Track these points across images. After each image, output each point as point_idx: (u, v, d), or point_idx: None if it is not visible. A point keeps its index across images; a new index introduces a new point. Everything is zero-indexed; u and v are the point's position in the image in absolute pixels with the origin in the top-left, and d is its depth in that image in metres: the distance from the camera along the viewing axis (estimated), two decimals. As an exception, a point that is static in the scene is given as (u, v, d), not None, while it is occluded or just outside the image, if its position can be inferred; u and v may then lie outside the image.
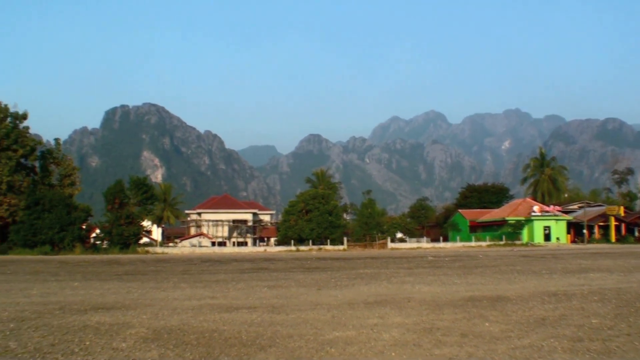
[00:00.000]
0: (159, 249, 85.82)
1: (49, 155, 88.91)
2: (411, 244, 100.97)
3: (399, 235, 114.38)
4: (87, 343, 12.28)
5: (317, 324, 14.81)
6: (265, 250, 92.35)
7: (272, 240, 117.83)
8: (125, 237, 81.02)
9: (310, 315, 16.35)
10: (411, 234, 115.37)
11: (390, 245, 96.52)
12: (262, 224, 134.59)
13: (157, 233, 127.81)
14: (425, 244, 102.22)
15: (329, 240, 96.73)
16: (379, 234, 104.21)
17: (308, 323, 14.89)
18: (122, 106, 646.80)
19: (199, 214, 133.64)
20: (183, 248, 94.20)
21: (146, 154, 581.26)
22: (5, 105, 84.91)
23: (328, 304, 18.91)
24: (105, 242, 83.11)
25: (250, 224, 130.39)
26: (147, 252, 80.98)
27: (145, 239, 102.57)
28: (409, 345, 12.21)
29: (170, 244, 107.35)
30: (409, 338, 12.90)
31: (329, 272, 35.86)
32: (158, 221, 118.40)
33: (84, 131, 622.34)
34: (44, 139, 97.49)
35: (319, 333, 13.49)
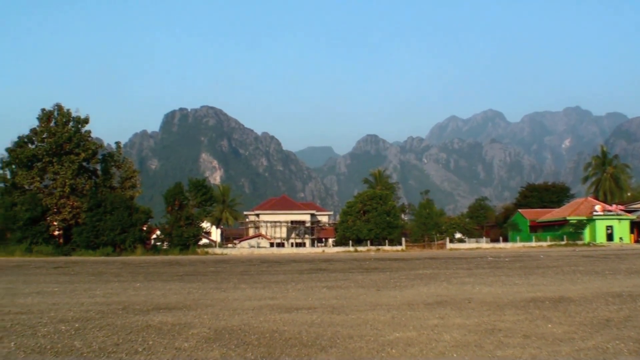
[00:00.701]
0: (218, 250, 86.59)
1: (110, 158, 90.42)
2: (470, 245, 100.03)
3: (458, 235, 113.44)
4: (150, 343, 12.45)
5: (377, 324, 14.77)
6: (323, 251, 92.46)
7: (330, 241, 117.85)
8: (185, 239, 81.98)
9: (370, 315, 16.32)
10: (470, 234, 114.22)
11: (448, 245, 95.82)
12: (320, 224, 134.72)
13: (216, 234, 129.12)
14: (484, 244, 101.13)
15: (387, 241, 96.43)
16: (438, 235, 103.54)
17: (368, 324, 14.87)
18: (181, 109, 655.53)
19: (257, 215, 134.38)
20: (242, 249, 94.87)
21: (205, 156, 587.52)
22: (68, 110, 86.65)
23: (388, 305, 18.85)
24: (165, 243, 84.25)
25: (308, 224, 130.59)
26: (207, 253, 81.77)
27: (204, 240, 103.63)
28: (471, 346, 12.10)
29: (229, 245, 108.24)
30: (470, 339, 12.79)
31: (388, 272, 35.75)
32: (217, 222, 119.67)
33: (143, 134, 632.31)
34: (105, 143, 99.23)
35: (379, 334, 13.46)
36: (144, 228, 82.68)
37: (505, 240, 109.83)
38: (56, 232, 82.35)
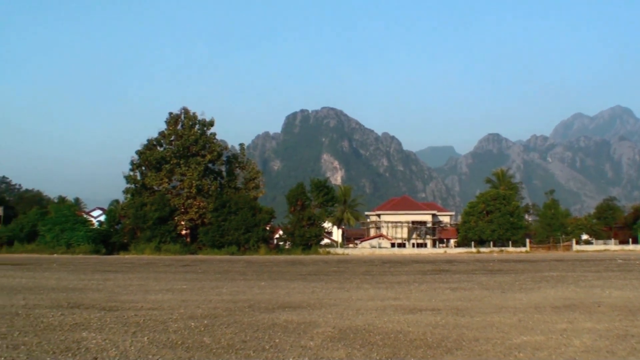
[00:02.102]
0: (339, 250, 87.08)
1: (235, 159, 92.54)
2: (597, 246, 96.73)
3: (584, 237, 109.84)
4: (277, 340, 12.63)
5: (504, 327, 14.48)
6: (445, 251, 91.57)
7: (452, 241, 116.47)
8: (307, 238, 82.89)
9: (495, 318, 16.02)
10: (597, 235, 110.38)
11: (575, 247, 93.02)
12: (442, 225, 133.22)
13: (337, 234, 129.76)
14: (612, 246, 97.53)
15: (510, 242, 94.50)
16: (563, 236, 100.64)
17: (494, 326, 14.59)
18: (302, 111, 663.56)
19: (379, 215, 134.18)
20: (363, 249, 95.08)
21: (326, 156, 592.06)
22: (194, 114, 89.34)
23: (514, 307, 18.46)
24: (287, 243, 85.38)
25: (429, 225, 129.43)
26: (328, 253, 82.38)
27: (326, 240, 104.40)
28: (602, 352, 11.68)
29: (351, 245, 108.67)
30: (601, 344, 12.35)
31: (513, 274, 35.03)
32: (338, 223, 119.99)
33: (266, 136, 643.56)
34: (229, 145, 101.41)
35: (506, 337, 13.19)
36: (267, 228, 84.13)
37: (635, 242, 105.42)
38: (183, 232, 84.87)
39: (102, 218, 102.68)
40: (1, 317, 15.70)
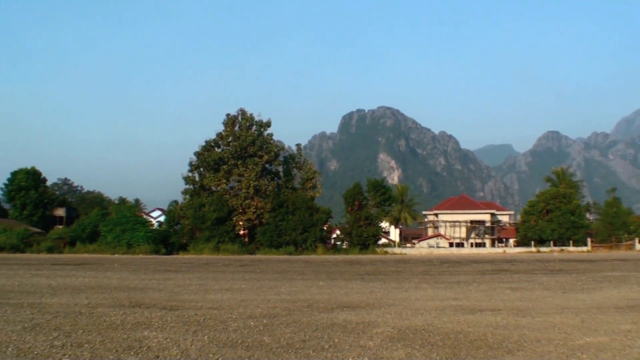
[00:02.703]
0: (397, 250, 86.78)
1: (292, 160, 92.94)
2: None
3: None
4: (336, 340, 12.64)
5: (566, 328, 14.26)
6: (504, 251, 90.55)
7: (511, 241, 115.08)
8: (365, 238, 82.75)
9: (557, 319, 15.79)
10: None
11: (637, 246, 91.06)
12: (501, 224, 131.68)
13: (394, 234, 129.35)
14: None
15: (571, 241, 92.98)
16: (626, 235, 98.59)
17: (556, 327, 14.38)
18: (358, 110, 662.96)
19: (436, 215, 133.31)
20: (421, 249, 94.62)
21: (382, 156, 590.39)
22: (251, 115, 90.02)
23: (576, 308, 18.18)
24: (345, 242, 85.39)
25: (488, 224, 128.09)
26: (386, 252, 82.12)
27: (383, 240, 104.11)
28: (669, 353, 11.42)
29: (408, 245, 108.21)
30: (668, 346, 12.07)
31: (574, 274, 34.48)
32: (395, 222, 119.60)
33: (322, 136, 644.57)
34: (286, 145, 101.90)
35: (569, 338, 12.98)
36: (325, 228, 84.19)
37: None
38: (241, 232, 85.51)
39: (162, 219, 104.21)
40: (65, 315, 16.04)
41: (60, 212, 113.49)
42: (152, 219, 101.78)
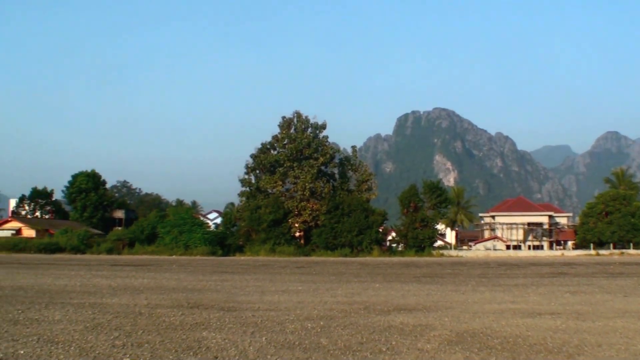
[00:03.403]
0: (453, 252, 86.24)
1: (347, 162, 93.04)
2: None
3: None
4: (393, 343, 12.61)
5: (628, 333, 13.99)
6: (562, 254, 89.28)
7: (570, 243, 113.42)
8: (420, 240, 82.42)
9: (618, 323, 15.50)
10: None
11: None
12: (559, 226, 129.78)
13: (450, 236, 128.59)
14: None
15: (631, 244, 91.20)
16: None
17: (617, 332, 14.12)
18: (413, 112, 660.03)
19: (493, 217, 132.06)
20: (477, 251, 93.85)
21: (438, 158, 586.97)
22: (306, 117, 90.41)
23: (637, 312, 17.86)
24: (400, 244, 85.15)
25: (546, 227, 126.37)
26: (442, 255, 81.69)
27: (439, 242, 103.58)
28: None
29: (464, 247, 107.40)
30: None
31: (635, 278, 33.87)
32: (452, 224, 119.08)
33: (377, 138, 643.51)
34: (341, 147, 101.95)
35: (631, 343, 12.74)
36: (380, 230, 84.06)
37: None
38: (297, 234, 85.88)
39: (218, 220, 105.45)
40: (125, 316, 16.31)
41: (120, 214, 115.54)
42: (208, 221, 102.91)
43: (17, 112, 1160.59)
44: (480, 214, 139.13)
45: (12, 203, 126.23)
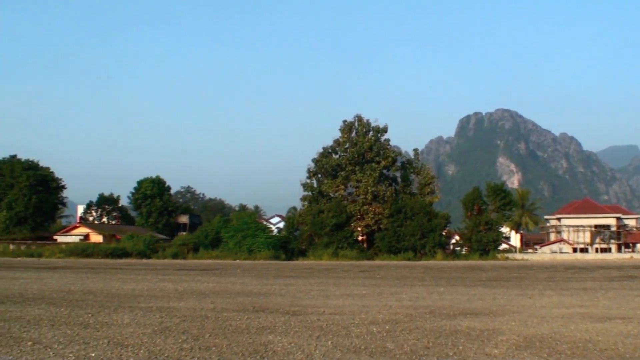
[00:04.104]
0: (518, 256, 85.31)
1: (409, 165, 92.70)
2: None
3: None
4: (460, 347, 12.48)
5: None
6: (631, 257, 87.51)
7: (639, 246, 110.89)
8: (485, 244, 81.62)
9: (696, 328, 15.08)
10: None
11: None
12: (627, 228, 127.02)
13: (515, 239, 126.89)
14: None
15: None
16: None
17: (694, 337, 13.75)
18: (476, 113, 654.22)
19: (559, 219, 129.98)
20: (543, 254, 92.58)
21: (502, 159, 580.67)
22: (367, 120, 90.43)
23: None
24: (464, 248, 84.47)
25: (613, 229, 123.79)
26: (507, 258, 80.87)
27: (504, 245, 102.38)
28: None
29: (530, 250, 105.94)
30: None
31: None
32: (516, 227, 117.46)
33: (439, 140, 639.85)
34: (403, 150, 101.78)
35: None
36: (443, 233, 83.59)
37: None
38: (360, 237, 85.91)
39: (281, 225, 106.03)
40: (192, 319, 16.50)
41: (184, 219, 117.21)
42: (271, 226, 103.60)
43: (85, 118, 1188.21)
44: (546, 217, 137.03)
45: (80, 209, 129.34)
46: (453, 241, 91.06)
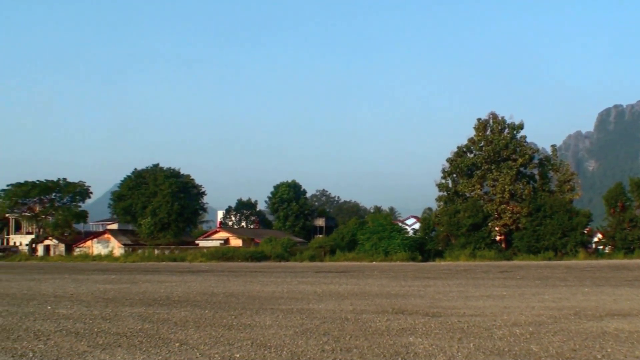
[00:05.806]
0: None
1: (547, 162, 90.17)
2: None
3: None
4: (609, 350, 12.09)
5: None
6: None
7: None
8: (630, 242, 78.23)
9: None
10: None
11: None
12: None
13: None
14: None
15: None
16: None
17: None
18: (616, 106, 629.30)
19: None
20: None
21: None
22: (502, 117, 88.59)
23: None
24: (608, 246, 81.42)
25: None
26: (654, 257, 77.23)
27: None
28: None
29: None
30: None
31: None
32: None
33: (578, 135, 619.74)
34: (539, 147, 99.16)
35: None
36: (585, 231, 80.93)
37: None
38: (498, 237, 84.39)
39: (416, 226, 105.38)
40: (332, 321, 16.72)
41: (320, 222, 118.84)
42: (407, 227, 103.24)
43: (224, 122, 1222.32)
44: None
45: (220, 214, 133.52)
46: (595, 240, 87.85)
